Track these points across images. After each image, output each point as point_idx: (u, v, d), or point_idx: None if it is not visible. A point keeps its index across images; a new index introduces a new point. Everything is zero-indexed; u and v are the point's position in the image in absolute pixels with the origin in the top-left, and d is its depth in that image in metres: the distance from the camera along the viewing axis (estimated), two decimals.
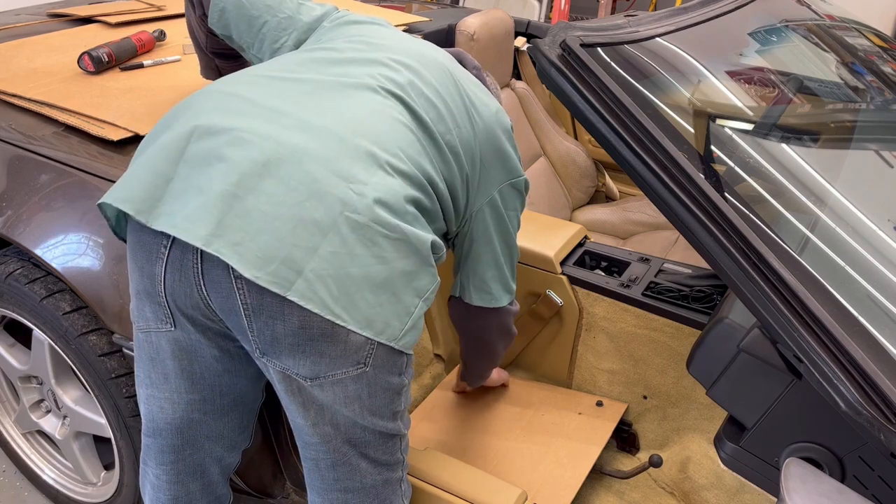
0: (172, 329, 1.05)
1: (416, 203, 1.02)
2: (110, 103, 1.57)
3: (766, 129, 1.36)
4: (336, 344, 0.97)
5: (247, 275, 0.90)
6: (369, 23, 1.29)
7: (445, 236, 1.23)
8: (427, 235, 1.02)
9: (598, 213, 2.60)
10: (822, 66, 1.62)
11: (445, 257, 1.16)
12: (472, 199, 1.22)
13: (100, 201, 0.99)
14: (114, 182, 1.33)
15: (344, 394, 1.02)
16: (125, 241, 1.07)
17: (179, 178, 0.95)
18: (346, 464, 1.10)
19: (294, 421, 1.09)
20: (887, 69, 1.74)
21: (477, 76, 1.33)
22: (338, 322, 0.94)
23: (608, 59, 1.14)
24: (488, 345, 1.51)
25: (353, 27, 1.27)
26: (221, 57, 1.52)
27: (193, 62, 1.71)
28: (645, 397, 1.75)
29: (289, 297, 0.91)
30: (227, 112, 0.99)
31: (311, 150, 0.95)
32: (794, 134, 1.40)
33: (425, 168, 1.06)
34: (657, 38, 1.28)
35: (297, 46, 1.29)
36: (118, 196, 0.96)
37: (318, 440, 1.08)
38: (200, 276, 0.97)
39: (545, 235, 1.80)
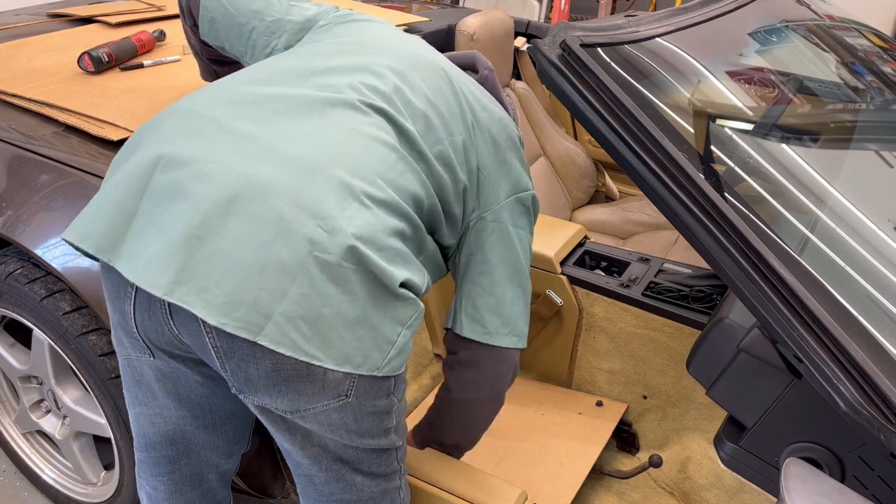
0: (152, 358, 1.03)
1: (397, 234, 0.96)
2: (110, 103, 1.57)
3: (766, 129, 1.36)
4: (313, 382, 0.93)
5: (213, 322, 0.85)
6: (365, 21, 1.24)
7: (445, 253, 1.17)
8: (399, 274, 0.94)
9: (598, 213, 2.60)
10: (822, 67, 1.62)
11: (430, 289, 1.08)
12: (470, 210, 1.14)
13: (62, 236, 0.94)
14: None
15: (328, 422, 0.99)
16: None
17: (143, 213, 0.91)
18: (341, 479, 1.08)
19: (281, 445, 1.06)
20: (887, 69, 1.74)
21: (488, 77, 1.26)
22: (313, 362, 0.90)
23: (608, 59, 1.14)
24: (471, 407, 1.26)
25: (347, 27, 1.22)
26: (218, 63, 1.49)
27: (193, 62, 1.71)
28: (645, 397, 1.75)
29: (259, 342, 0.87)
30: (194, 137, 0.93)
31: (277, 184, 0.89)
32: (794, 134, 1.40)
33: (409, 189, 1.00)
34: (657, 39, 1.28)
35: (287, 49, 1.23)
36: (79, 233, 0.92)
37: (309, 461, 1.06)
38: (170, 317, 0.95)
39: (545, 235, 1.80)
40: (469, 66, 1.29)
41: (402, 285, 0.95)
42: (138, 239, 0.90)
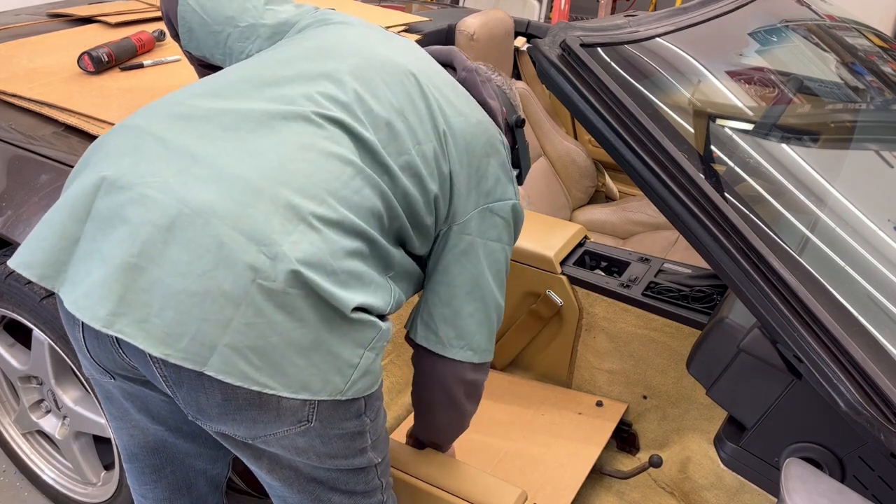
0: (113, 380, 1.02)
1: (352, 254, 0.92)
2: (110, 103, 1.57)
3: (766, 129, 1.36)
4: (267, 411, 0.90)
5: (156, 353, 0.83)
6: (337, 24, 1.18)
7: (424, 263, 1.14)
8: (353, 298, 0.90)
9: (598, 213, 2.60)
10: (822, 67, 1.62)
11: (401, 304, 1.04)
12: (442, 219, 1.09)
13: (8, 263, 0.91)
14: None
15: (293, 446, 0.96)
16: None
17: (86, 238, 0.88)
18: (318, 499, 1.05)
19: (250, 467, 1.04)
20: (887, 69, 1.74)
21: (467, 78, 1.21)
22: (265, 391, 0.86)
23: (608, 59, 1.14)
24: (429, 406, 1.25)
25: (317, 30, 1.17)
26: (210, 68, 1.44)
27: None
28: (645, 397, 1.75)
29: (206, 373, 0.84)
30: (138, 157, 0.90)
31: (219, 209, 0.85)
32: (794, 134, 1.40)
33: (367, 206, 0.95)
34: (657, 38, 1.28)
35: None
36: (22, 261, 0.89)
37: (280, 483, 1.03)
38: (118, 345, 0.92)
39: (545, 235, 1.80)
40: (448, 64, 1.25)
41: (358, 309, 0.91)
42: (80, 266, 0.87)
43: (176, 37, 1.32)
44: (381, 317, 0.98)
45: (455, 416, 1.24)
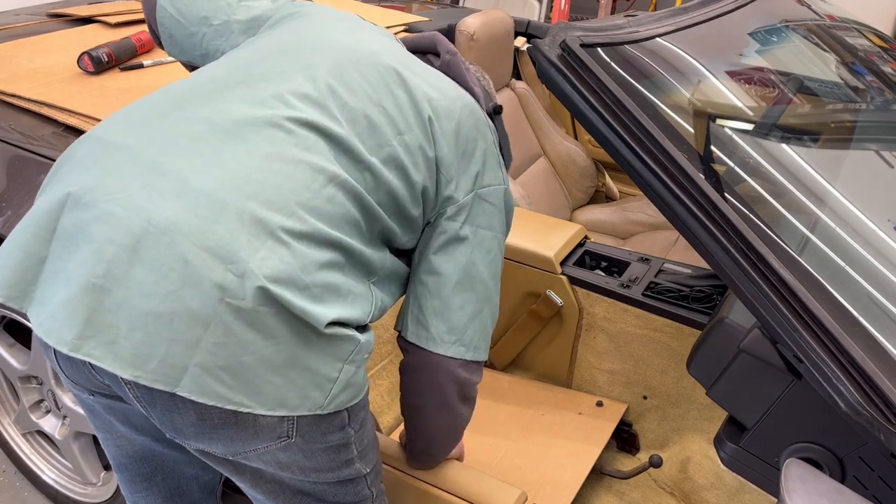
0: (92, 397, 1.01)
1: (327, 266, 0.89)
2: (110, 103, 1.57)
3: (766, 129, 1.36)
4: (244, 428, 0.88)
5: (125, 376, 0.82)
6: (310, 15, 1.14)
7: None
8: (328, 312, 0.87)
9: (598, 213, 2.60)
10: (822, 67, 1.62)
11: (386, 310, 1.01)
12: (430, 209, 1.06)
13: None
14: None
15: (275, 461, 0.94)
16: None
17: (52, 257, 0.86)
18: None
19: (234, 481, 1.02)
20: (887, 69, 1.74)
21: (451, 62, 1.16)
22: (241, 409, 0.85)
23: (608, 59, 1.14)
24: (419, 410, 1.17)
25: (289, 23, 1.12)
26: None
27: None
28: (645, 397, 1.75)
29: (178, 394, 0.83)
30: (104, 172, 0.87)
31: (184, 225, 0.83)
32: (794, 134, 1.40)
33: (340, 213, 0.92)
34: (657, 39, 1.28)
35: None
36: None
37: (265, 497, 1.01)
38: (90, 365, 0.91)
39: (545, 235, 1.80)
40: (430, 50, 1.21)
41: (335, 323, 0.89)
42: (48, 286, 0.85)
43: (160, 44, 1.29)
44: (363, 327, 0.95)
45: (448, 421, 1.17)
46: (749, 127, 1.35)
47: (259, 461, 0.94)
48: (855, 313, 1.00)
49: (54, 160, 1.44)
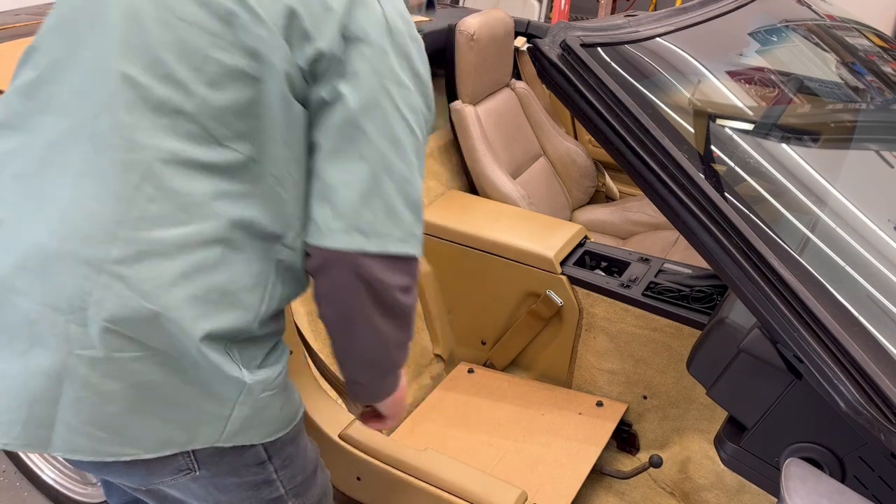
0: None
1: (177, 277, 0.79)
2: None
3: (766, 129, 1.36)
4: (137, 469, 0.85)
5: None
6: None
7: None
8: (195, 329, 0.78)
9: (598, 213, 2.60)
10: (822, 66, 1.62)
11: (281, 301, 0.88)
12: (303, 87, 0.82)
13: None
14: None
15: (190, 490, 0.90)
16: None
17: None
18: None
19: None
20: (887, 69, 1.74)
21: None
22: (122, 459, 0.81)
23: (608, 59, 1.14)
24: (340, 328, 0.90)
25: None
26: None
27: None
28: (645, 397, 1.75)
29: (53, 453, 0.80)
30: None
31: (21, 286, 0.79)
32: (794, 134, 1.40)
33: (171, 206, 0.78)
34: (657, 38, 1.28)
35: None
36: None
37: None
38: None
39: (545, 235, 1.80)
40: None
41: (211, 339, 0.80)
42: None
43: None
44: (256, 338, 0.85)
45: (366, 338, 0.89)
46: (749, 127, 1.35)
47: (176, 489, 0.91)
48: (855, 313, 1.00)
49: None
